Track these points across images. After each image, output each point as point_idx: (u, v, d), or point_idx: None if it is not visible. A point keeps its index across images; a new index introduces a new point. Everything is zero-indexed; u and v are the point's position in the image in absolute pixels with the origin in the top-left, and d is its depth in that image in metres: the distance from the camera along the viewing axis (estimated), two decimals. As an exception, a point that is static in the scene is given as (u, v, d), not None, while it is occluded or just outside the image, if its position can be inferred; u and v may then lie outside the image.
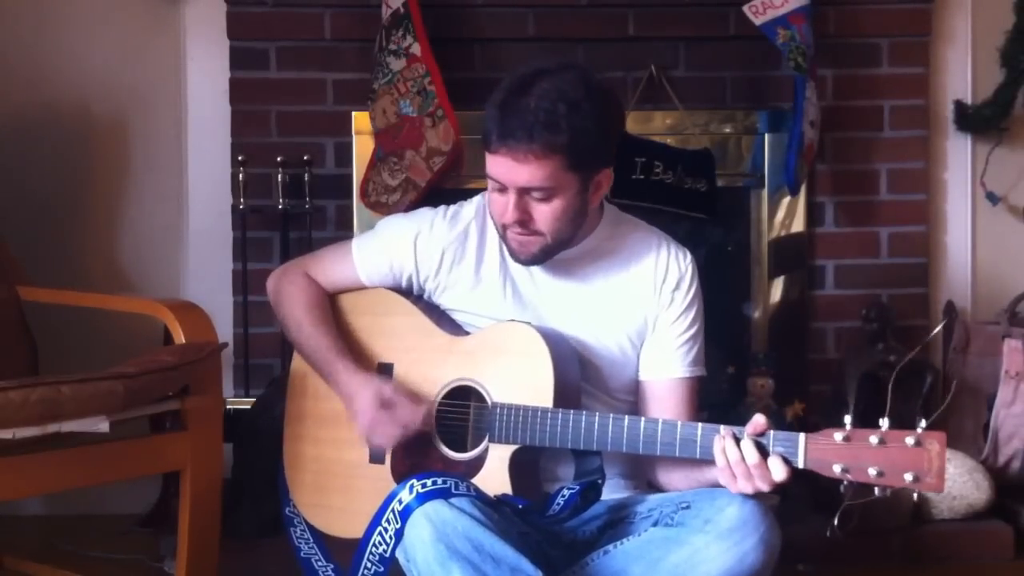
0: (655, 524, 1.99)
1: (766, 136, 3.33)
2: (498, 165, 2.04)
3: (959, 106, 3.40)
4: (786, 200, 3.33)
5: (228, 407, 2.88)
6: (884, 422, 1.81)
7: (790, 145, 3.12)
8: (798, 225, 3.36)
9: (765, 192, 3.35)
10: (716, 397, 3.08)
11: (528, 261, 2.12)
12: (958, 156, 3.45)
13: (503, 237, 2.13)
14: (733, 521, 1.88)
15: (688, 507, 1.96)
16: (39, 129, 3.27)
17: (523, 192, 2.03)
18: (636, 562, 1.94)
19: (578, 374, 2.10)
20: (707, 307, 2.26)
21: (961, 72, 3.43)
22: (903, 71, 3.37)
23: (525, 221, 2.06)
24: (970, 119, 3.39)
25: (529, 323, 2.09)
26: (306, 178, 3.18)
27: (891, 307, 3.23)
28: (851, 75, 3.36)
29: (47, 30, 3.28)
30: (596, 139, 2.04)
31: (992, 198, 3.41)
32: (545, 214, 2.06)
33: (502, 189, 2.06)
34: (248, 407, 2.92)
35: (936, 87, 3.43)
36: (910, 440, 1.78)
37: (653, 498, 2.09)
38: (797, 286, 3.37)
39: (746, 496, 1.90)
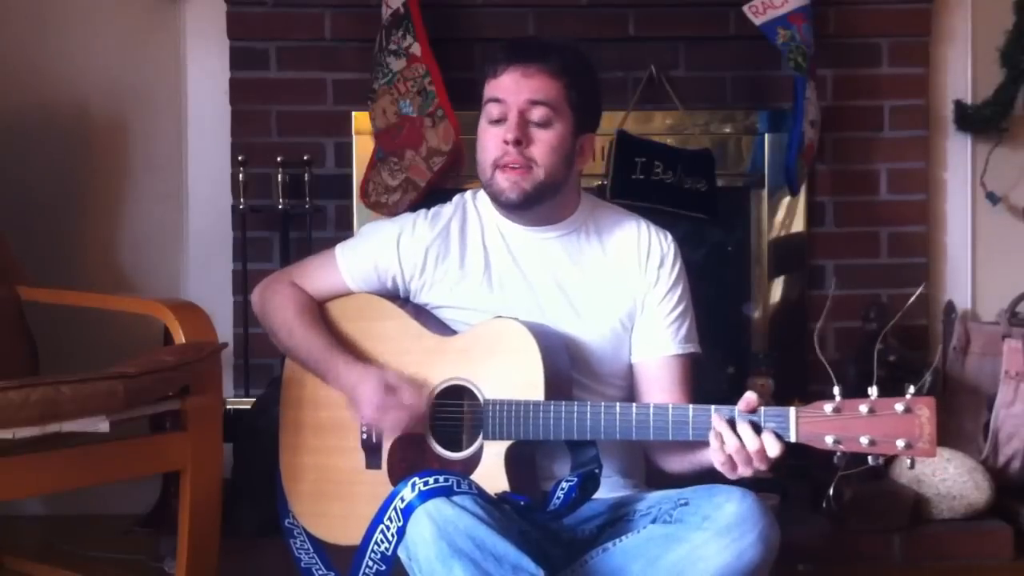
0: (654, 521, 2.00)
1: (766, 136, 3.33)
2: (503, 84, 2.12)
3: (959, 106, 3.40)
4: (786, 200, 3.33)
5: (228, 407, 2.88)
6: (873, 390, 1.81)
7: (790, 145, 3.13)
8: (798, 225, 3.36)
9: (765, 192, 3.35)
10: (716, 397, 3.07)
11: (517, 199, 2.12)
12: (958, 156, 3.45)
13: (490, 183, 2.14)
14: (732, 518, 1.88)
15: (687, 504, 1.96)
16: (39, 129, 3.27)
17: (524, 114, 2.09)
18: (635, 559, 1.94)
19: (568, 366, 2.11)
20: (707, 307, 2.28)
21: (961, 72, 3.43)
22: (903, 71, 3.38)
23: (522, 143, 2.09)
24: (970, 119, 3.39)
25: (516, 318, 2.10)
26: (306, 178, 3.18)
27: (891, 307, 3.23)
28: (851, 75, 3.36)
29: (47, 30, 3.28)
30: (591, 91, 2.17)
31: (992, 198, 3.41)
32: (543, 141, 2.11)
33: (498, 120, 2.11)
34: (248, 407, 2.92)
35: (936, 87, 3.43)
36: (900, 407, 1.78)
37: (652, 496, 2.09)
38: (797, 286, 3.37)
39: (745, 493, 1.90)
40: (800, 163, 3.11)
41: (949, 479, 2.95)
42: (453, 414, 2.12)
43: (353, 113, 3.23)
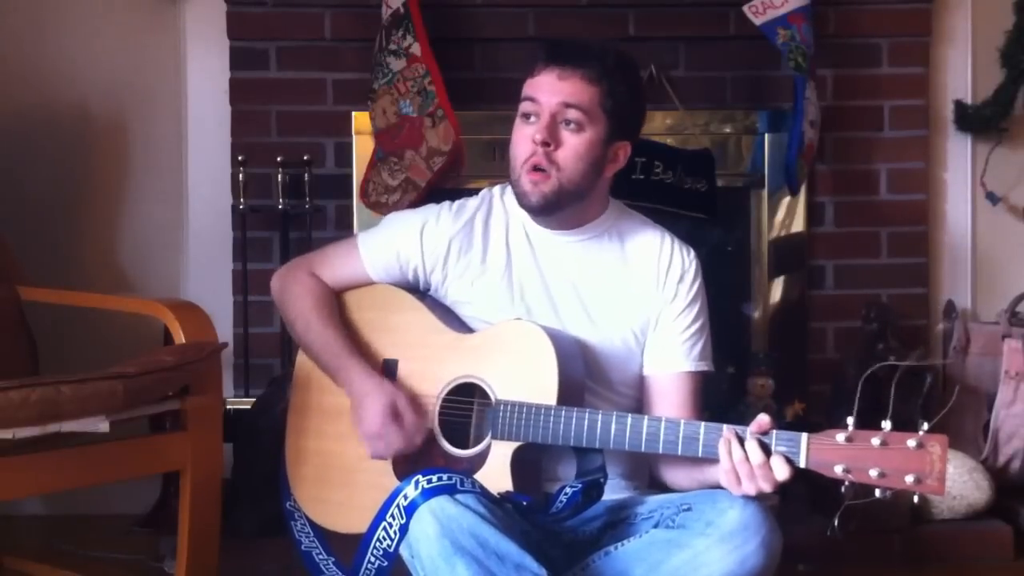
0: (656, 526, 2.00)
1: (766, 136, 3.33)
2: (538, 84, 2.11)
3: (959, 106, 3.40)
4: (786, 200, 3.33)
5: (228, 407, 2.88)
6: (887, 424, 1.81)
7: (790, 145, 3.13)
8: (798, 225, 3.36)
9: (765, 192, 3.35)
10: (716, 397, 3.07)
11: (538, 204, 2.12)
12: (958, 156, 3.45)
13: (516, 183, 2.13)
14: (734, 524, 1.88)
15: (689, 509, 1.96)
16: (39, 129, 3.27)
17: (556, 116, 2.09)
18: (637, 564, 1.94)
19: (582, 372, 2.10)
20: (707, 307, 2.26)
21: (961, 72, 3.43)
22: (903, 71, 3.38)
23: (550, 145, 2.08)
24: (970, 119, 3.39)
25: (535, 322, 2.10)
26: (306, 178, 3.18)
27: (891, 307, 3.23)
28: (851, 75, 3.36)
29: (47, 30, 3.28)
30: (630, 98, 2.14)
31: (992, 198, 3.41)
32: (570, 146, 2.09)
33: (531, 116, 2.11)
34: (248, 407, 2.92)
35: (936, 87, 3.43)
36: (912, 442, 1.79)
37: (654, 499, 2.09)
38: (797, 286, 3.37)
39: (747, 498, 1.90)
40: (800, 163, 3.11)
41: (949, 479, 2.94)
42: (463, 411, 2.12)
43: (353, 113, 3.23)
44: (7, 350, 2.73)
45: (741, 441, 1.88)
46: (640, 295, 2.18)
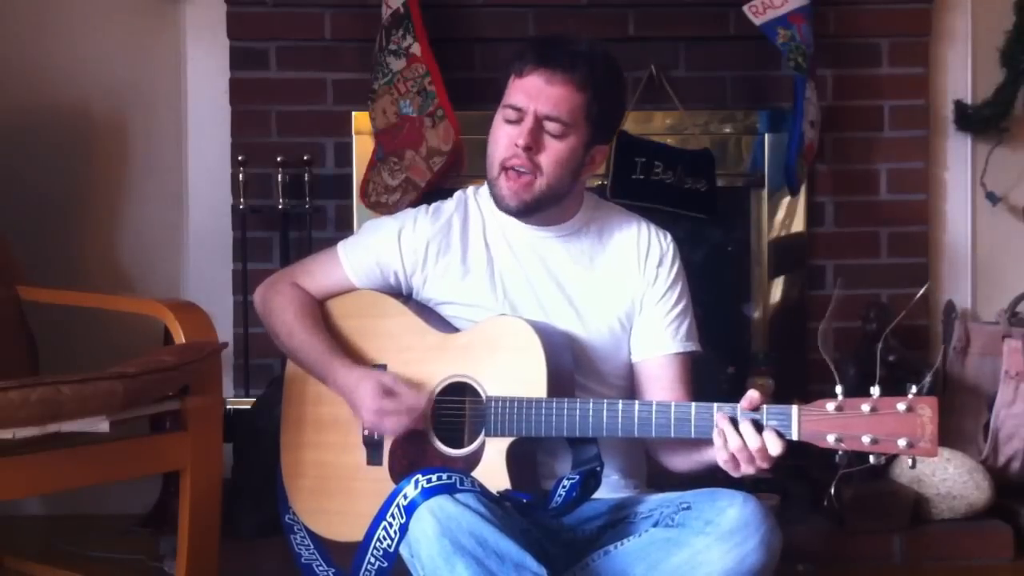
0: (655, 525, 2.00)
1: (766, 136, 3.33)
2: (525, 88, 2.10)
3: (959, 106, 3.40)
4: (786, 200, 3.33)
5: (228, 407, 2.88)
6: (875, 390, 1.81)
7: (790, 145, 3.13)
8: (798, 225, 3.36)
9: (765, 192, 3.35)
10: (716, 397, 3.07)
11: (516, 208, 2.13)
12: (958, 156, 3.45)
13: (494, 184, 2.14)
14: (734, 523, 1.88)
15: (688, 508, 1.96)
16: (39, 129, 3.27)
17: (540, 121, 2.08)
18: (637, 563, 1.94)
19: (571, 364, 2.11)
20: (707, 307, 2.27)
21: (961, 72, 3.43)
22: (903, 71, 3.38)
23: (532, 149, 2.08)
24: (970, 119, 3.39)
25: (520, 316, 2.10)
26: (306, 178, 3.18)
27: (891, 307, 3.23)
28: (851, 75, 3.36)
29: (47, 30, 3.28)
30: (614, 103, 2.17)
31: (992, 198, 3.41)
32: (553, 151, 2.10)
33: (515, 120, 2.10)
34: (248, 407, 2.92)
35: (936, 87, 3.43)
36: (902, 406, 1.79)
37: (653, 498, 2.10)
38: (797, 286, 3.37)
39: (747, 497, 1.91)
40: (800, 163, 3.11)
41: (949, 479, 2.95)
42: (455, 411, 2.12)
43: (353, 113, 3.23)
44: (7, 350, 2.73)
45: (735, 424, 1.88)
46: (622, 282, 2.20)
